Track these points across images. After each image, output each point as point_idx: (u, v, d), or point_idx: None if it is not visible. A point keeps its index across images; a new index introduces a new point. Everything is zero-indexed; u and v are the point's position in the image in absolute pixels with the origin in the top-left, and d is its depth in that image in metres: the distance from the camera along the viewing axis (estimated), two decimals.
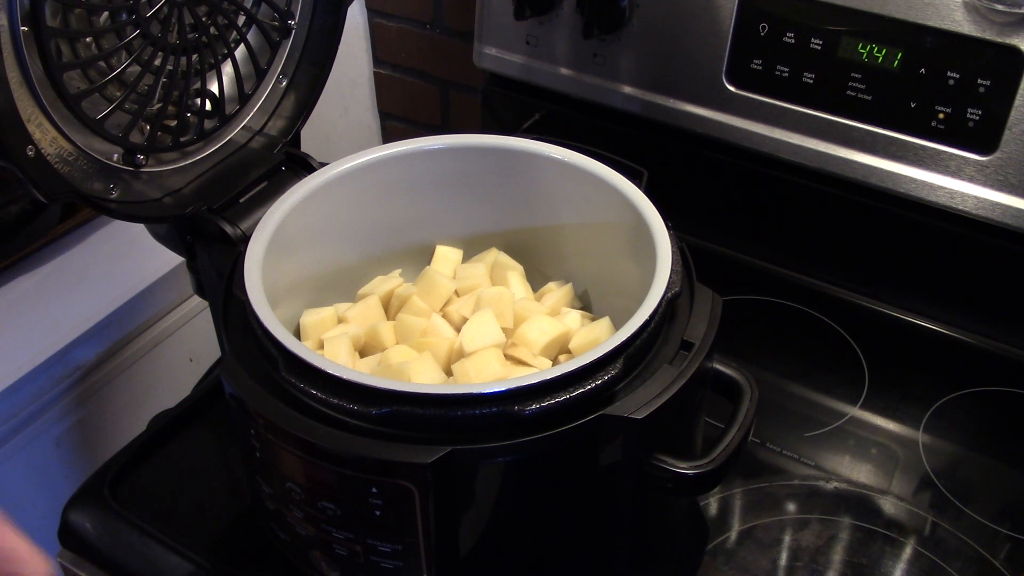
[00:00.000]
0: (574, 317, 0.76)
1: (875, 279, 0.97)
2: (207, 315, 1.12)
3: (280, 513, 0.64)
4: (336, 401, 0.57)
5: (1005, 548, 0.75)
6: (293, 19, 0.82)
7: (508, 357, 0.71)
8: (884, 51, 0.86)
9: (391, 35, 1.32)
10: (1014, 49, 0.80)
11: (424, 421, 0.57)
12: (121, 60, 0.70)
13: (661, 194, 0.72)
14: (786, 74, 0.91)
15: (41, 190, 0.65)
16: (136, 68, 0.71)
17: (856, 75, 0.88)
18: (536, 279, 0.81)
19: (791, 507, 0.78)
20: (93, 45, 0.69)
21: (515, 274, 0.79)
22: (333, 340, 0.71)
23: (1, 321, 0.99)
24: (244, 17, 0.78)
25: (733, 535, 0.75)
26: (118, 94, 0.71)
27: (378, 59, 1.36)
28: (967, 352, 0.93)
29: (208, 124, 0.78)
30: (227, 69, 0.79)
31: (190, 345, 1.13)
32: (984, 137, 0.84)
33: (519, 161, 0.77)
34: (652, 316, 0.62)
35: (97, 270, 1.06)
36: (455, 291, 0.77)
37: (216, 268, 0.76)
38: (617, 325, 0.66)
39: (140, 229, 0.81)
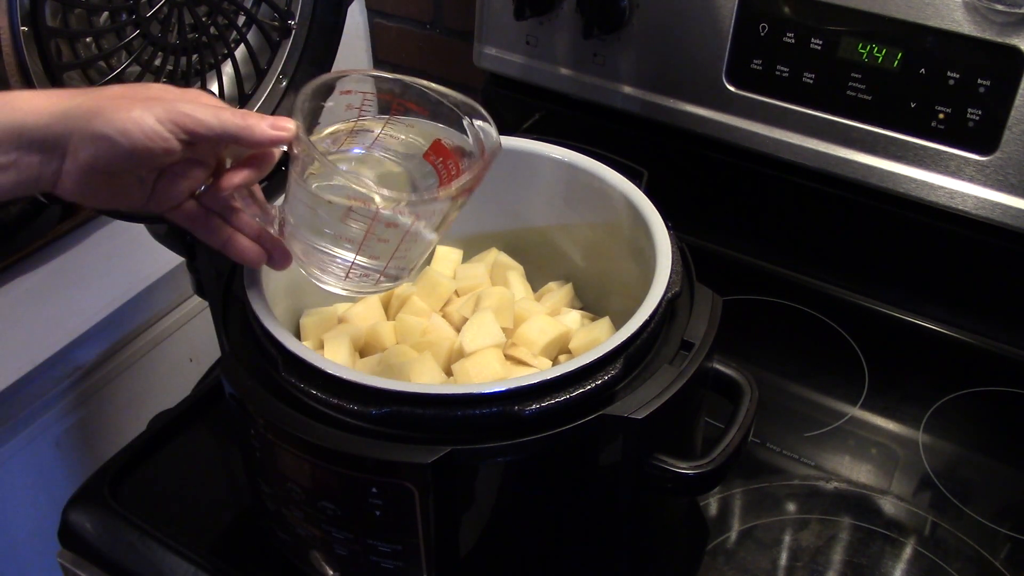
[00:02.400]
0: (574, 317, 0.76)
1: (875, 279, 0.97)
2: (207, 315, 1.12)
3: (280, 513, 0.64)
4: (336, 401, 0.57)
5: (1005, 548, 0.75)
6: (293, 19, 0.82)
7: (508, 357, 0.71)
8: (884, 51, 0.86)
9: (391, 35, 1.32)
10: (1014, 49, 0.80)
11: (424, 421, 0.57)
12: (121, 60, 0.70)
13: (661, 194, 0.72)
14: (786, 74, 0.91)
15: None
16: (136, 68, 0.71)
17: (856, 75, 0.88)
18: (536, 279, 0.81)
19: (791, 507, 0.78)
20: (93, 45, 0.69)
21: (515, 274, 0.79)
22: (333, 340, 0.71)
23: (1, 321, 0.99)
24: (244, 17, 0.78)
25: (733, 535, 0.75)
26: None
27: (378, 59, 1.36)
28: (967, 352, 0.93)
29: None
30: (227, 69, 0.79)
31: (190, 345, 1.13)
32: (984, 137, 0.84)
33: (519, 161, 0.77)
34: (652, 316, 0.62)
35: (97, 270, 1.06)
36: (455, 291, 0.77)
37: (216, 268, 0.76)
38: (617, 325, 0.66)
39: (140, 229, 0.81)
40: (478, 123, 0.63)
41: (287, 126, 0.56)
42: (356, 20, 1.31)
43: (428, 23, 1.27)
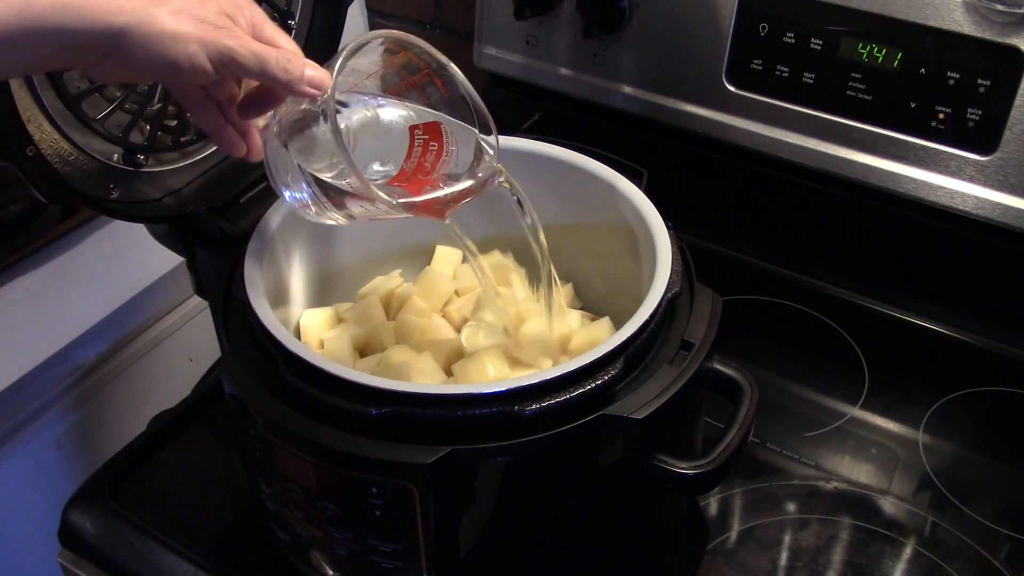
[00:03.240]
0: (574, 317, 0.76)
1: (875, 279, 0.97)
2: (207, 315, 1.12)
3: (280, 513, 0.64)
4: (336, 401, 0.57)
5: (1005, 548, 0.75)
6: (293, 19, 0.82)
7: (508, 357, 0.71)
8: (884, 51, 0.86)
9: None
10: (1014, 49, 0.80)
11: (424, 421, 0.57)
12: None
13: (661, 194, 0.72)
14: (786, 74, 0.91)
15: (41, 190, 0.65)
16: None
17: (856, 75, 0.88)
18: (536, 279, 0.81)
19: (791, 507, 0.78)
20: None
21: (516, 275, 0.79)
22: (333, 340, 0.71)
23: (1, 321, 0.99)
24: None
25: (733, 535, 0.75)
26: (118, 94, 0.71)
27: None
28: (967, 352, 0.93)
29: None
30: None
31: (190, 345, 1.13)
32: (984, 137, 0.84)
33: (520, 161, 0.77)
34: (652, 316, 0.62)
35: (97, 270, 1.06)
36: (455, 291, 0.77)
37: (216, 268, 0.76)
38: (617, 325, 0.66)
39: (140, 229, 0.81)
40: (487, 148, 0.66)
41: (323, 84, 0.58)
42: (356, 20, 1.31)
43: (428, 23, 1.27)
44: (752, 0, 0.90)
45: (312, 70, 0.57)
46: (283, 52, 0.57)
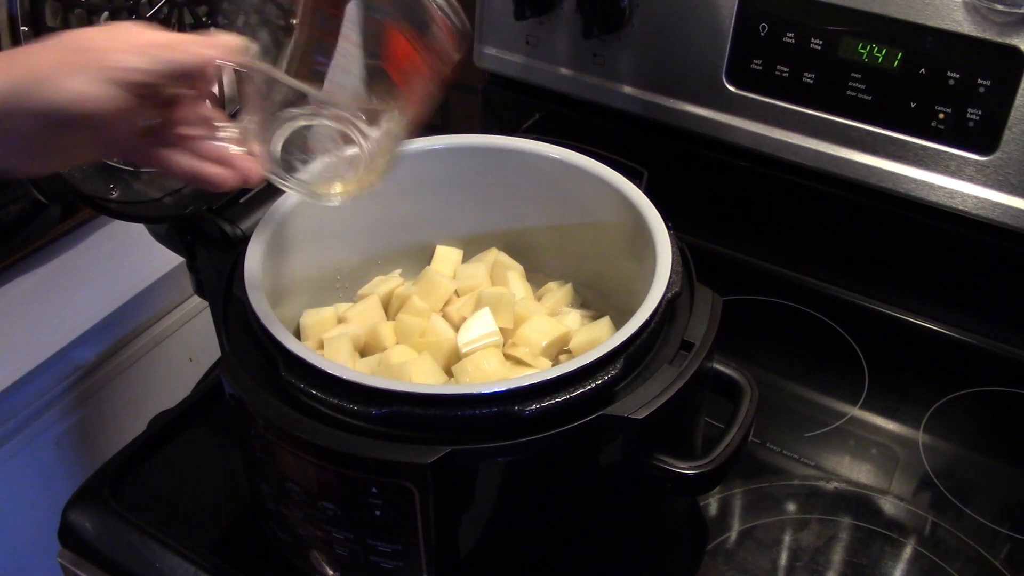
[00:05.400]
0: (574, 317, 0.76)
1: (875, 279, 0.97)
2: (207, 315, 1.12)
3: (280, 513, 0.64)
4: (336, 401, 0.57)
5: (1005, 548, 0.75)
6: (295, 18, 0.82)
7: (508, 357, 0.71)
8: (884, 51, 0.86)
9: None
10: (1014, 49, 0.80)
11: (424, 421, 0.57)
12: None
13: (661, 194, 0.72)
14: (786, 74, 0.91)
15: (41, 190, 0.65)
16: None
17: (856, 75, 0.88)
18: (536, 279, 0.81)
19: (791, 507, 0.78)
20: None
21: (515, 274, 0.79)
22: (333, 340, 0.71)
23: (1, 321, 0.99)
24: (244, 16, 0.78)
25: (733, 535, 0.75)
26: None
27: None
28: (967, 352, 0.93)
29: None
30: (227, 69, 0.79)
31: (190, 345, 1.13)
32: (984, 137, 0.84)
33: (519, 161, 0.77)
34: (652, 316, 0.62)
35: (97, 270, 1.06)
36: (455, 291, 0.77)
37: (216, 268, 0.76)
38: (617, 325, 0.66)
39: (140, 229, 0.81)
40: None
41: (222, 42, 0.56)
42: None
43: None
44: (752, 0, 0.90)
45: (204, 39, 0.56)
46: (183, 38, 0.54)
